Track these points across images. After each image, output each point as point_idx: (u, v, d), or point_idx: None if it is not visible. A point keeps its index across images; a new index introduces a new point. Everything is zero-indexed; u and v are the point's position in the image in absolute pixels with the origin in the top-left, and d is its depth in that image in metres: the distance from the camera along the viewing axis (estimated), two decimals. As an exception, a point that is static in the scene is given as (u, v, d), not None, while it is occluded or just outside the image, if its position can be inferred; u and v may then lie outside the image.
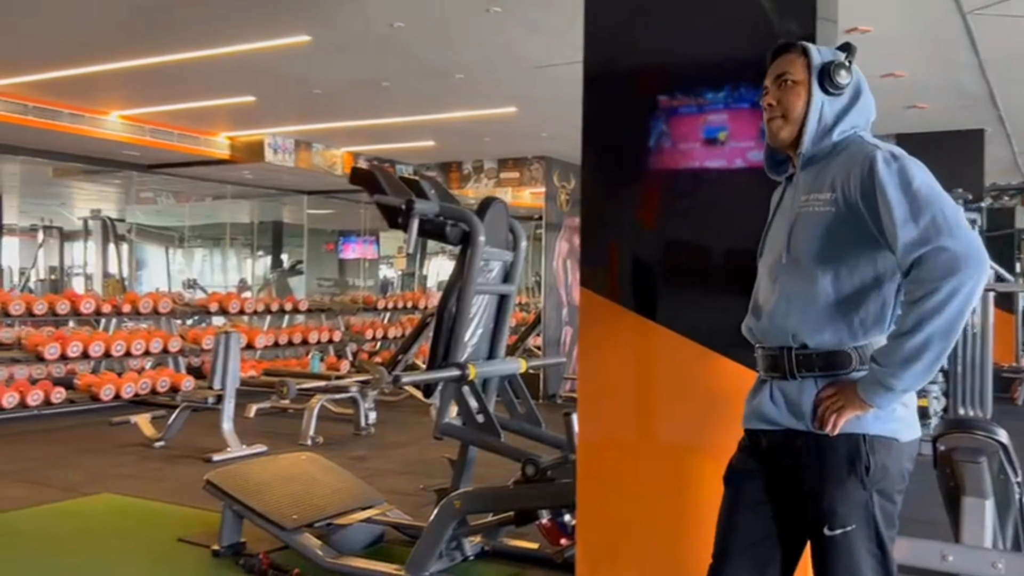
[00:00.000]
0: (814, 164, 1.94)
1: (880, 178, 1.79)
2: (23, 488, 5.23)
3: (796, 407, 1.87)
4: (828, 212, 1.86)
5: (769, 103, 1.97)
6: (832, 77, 1.92)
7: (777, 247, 1.96)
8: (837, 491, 1.82)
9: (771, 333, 1.92)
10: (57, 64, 6.32)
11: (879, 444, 1.84)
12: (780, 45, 2.01)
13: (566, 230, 9.98)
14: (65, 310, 8.06)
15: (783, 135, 1.96)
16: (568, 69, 5.82)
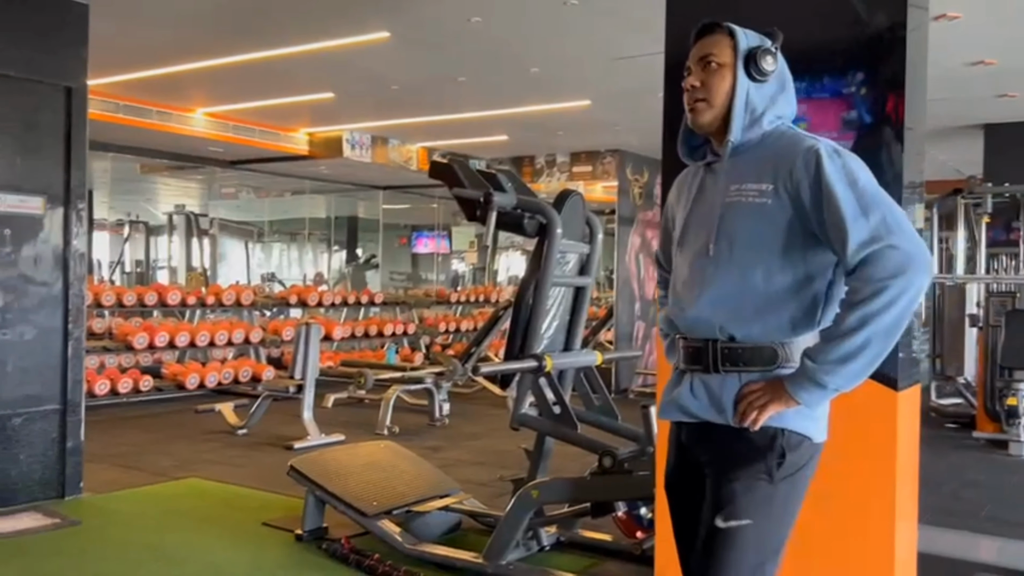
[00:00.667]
0: (742, 153, 1.86)
1: (826, 173, 1.72)
2: (117, 472, 5.46)
3: (717, 401, 1.81)
4: (763, 204, 1.78)
5: (692, 84, 1.87)
6: (758, 63, 1.85)
7: (702, 237, 1.86)
8: (741, 482, 1.76)
9: (697, 326, 1.84)
10: (147, 64, 6.56)
11: (795, 440, 1.78)
12: (705, 25, 1.92)
13: (639, 224, 9.93)
14: (153, 301, 8.35)
15: (705, 119, 1.87)
16: (645, 61, 5.80)
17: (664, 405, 1.94)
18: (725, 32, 1.88)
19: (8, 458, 4.54)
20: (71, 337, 4.77)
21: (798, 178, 1.75)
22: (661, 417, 1.97)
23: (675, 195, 2.04)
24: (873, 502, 2.44)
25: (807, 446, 1.80)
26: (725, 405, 1.79)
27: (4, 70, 4.52)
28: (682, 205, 1.98)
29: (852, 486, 2.47)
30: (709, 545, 1.77)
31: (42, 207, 4.69)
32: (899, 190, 2.50)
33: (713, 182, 1.90)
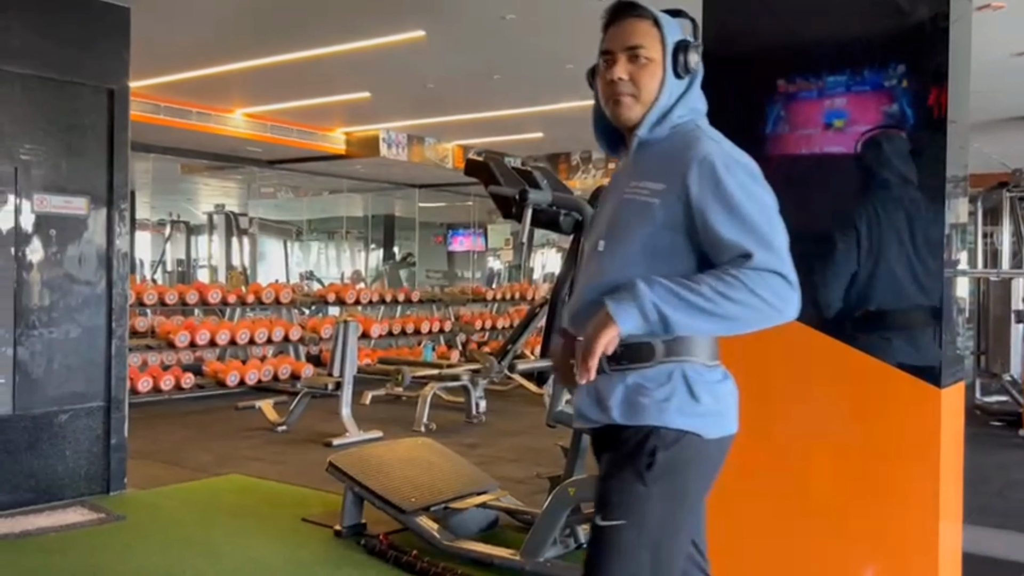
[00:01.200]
0: (648, 148, 1.80)
1: (721, 185, 1.67)
2: (159, 468, 5.55)
3: (602, 401, 1.76)
4: (653, 203, 1.72)
5: (620, 77, 1.76)
6: (687, 60, 1.77)
7: (598, 232, 1.82)
8: (615, 481, 1.73)
9: (584, 327, 1.72)
10: (187, 65, 6.66)
11: (671, 438, 1.71)
12: (624, 5, 1.80)
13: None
14: (194, 300, 8.47)
15: (631, 115, 1.78)
16: (681, 56, 5.75)
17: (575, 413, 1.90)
18: (651, 21, 1.79)
19: (55, 454, 4.64)
20: (115, 335, 4.86)
21: (689, 184, 1.69)
22: (573, 425, 1.93)
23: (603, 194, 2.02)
24: (917, 502, 2.41)
25: (690, 443, 1.72)
26: (608, 404, 1.74)
27: (47, 73, 4.61)
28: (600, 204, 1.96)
29: (895, 486, 2.43)
30: (591, 542, 1.77)
31: (86, 208, 4.78)
32: (942, 184, 2.46)
33: (620, 177, 1.86)
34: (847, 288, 2.57)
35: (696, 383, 1.74)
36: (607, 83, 1.78)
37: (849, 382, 2.52)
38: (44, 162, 4.62)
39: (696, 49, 1.80)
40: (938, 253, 2.46)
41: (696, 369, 1.75)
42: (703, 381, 1.75)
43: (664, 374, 1.73)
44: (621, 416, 1.74)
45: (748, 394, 2.74)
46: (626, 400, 1.73)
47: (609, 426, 1.76)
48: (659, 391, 1.72)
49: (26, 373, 4.55)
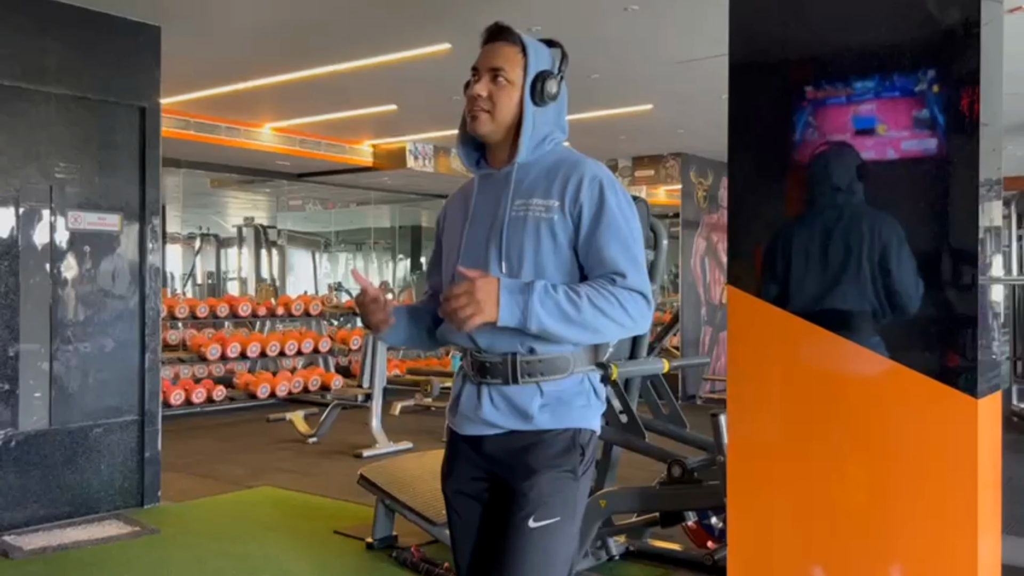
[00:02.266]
0: (525, 170, 1.91)
1: (609, 203, 1.83)
2: (192, 481, 5.60)
3: (521, 410, 1.86)
4: (550, 219, 1.84)
5: (479, 94, 1.88)
6: (544, 88, 1.89)
7: (489, 252, 1.88)
8: (549, 483, 1.83)
9: (498, 341, 1.84)
10: (216, 82, 6.73)
11: (587, 436, 1.90)
12: (498, 28, 1.93)
13: (704, 227, 9.81)
14: (224, 313, 8.56)
15: (486, 129, 1.90)
16: (708, 63, 5.73)
17: (463, 421, 1.94)
18: (519, 48, 1.90)
19: (90, 468, 4.70)
20: (147, 349, 4.92)
21: (582, 201, 1.84)
22: (463, 432, 1.94)
23: (455, 209, 2.03)
24: (954, 515, 2.37)
25: (594, 439, 1.93)
26: (531, 412, 1.85)
27: (82, 93, 4.70)
28: (460, 219, 1.98)
29: (932, 499, 2.40)
30: (521, 546, 1.82)
31: (119, 224, 4.85)
32: (975, 188, 2.43)
33: (494, 195, 1.93)
34: (879, 298, 2.54)
35: (597, 388, 1.94)
36: (468, 97, 1.91)
37: (884, 394, 2.49)
38: (78, 180, 4.70)
39: (555, 79, 1.91)
40: (972, 259, 2.43)
41: (595, 375, 1.95)
42: (599, 386, 1.96)
43: (577, 382, 1.90)
44: (547, 422, 1.86)
45: (784, 411, 2.72)
46: (549, 407, 1.86)
47: (517, 431, 1.87)
48: (578, 398, 1.89)
49: (62, 387, 4.62)
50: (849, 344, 2.55)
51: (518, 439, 1.87)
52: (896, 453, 2.45)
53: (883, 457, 2.48)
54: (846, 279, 2.60)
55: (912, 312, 2.49)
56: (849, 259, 2.62)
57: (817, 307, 2.63)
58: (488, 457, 1.92)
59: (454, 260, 1.94)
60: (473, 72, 1.92)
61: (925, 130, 2.53)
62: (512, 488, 1.86)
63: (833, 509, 2.57)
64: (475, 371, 1.91)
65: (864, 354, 2.53)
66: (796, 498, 2.64)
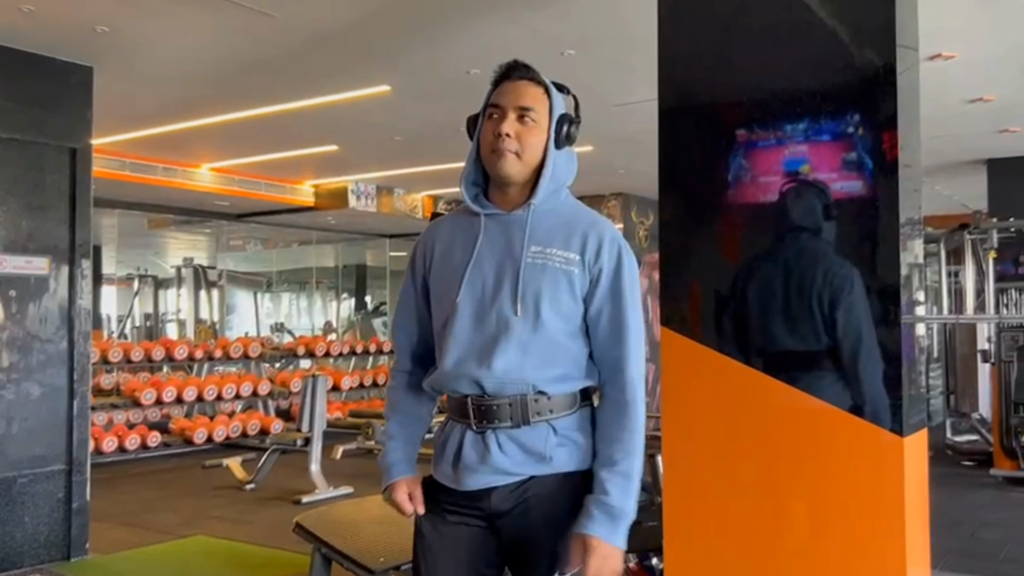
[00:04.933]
0: (540, 215, 1.85)
1: (624, 273, 1.84)
2: (124, 531, 5.41)
3: (536, 452, 1.78)
4: (570, 272, 1.81)
5: (507, 132, 1.80)
6: (569, 133, 1.87)
7: (499, 292, 1.81)
8: (566, 532, 1.76)
9: (506, 383, 1.78)
10: (152, 122, 6.65)
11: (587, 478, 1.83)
12: (521, 66, 1.89)
13: (645, 266, 9.90)
14: (160, 356, 8.35)
15: (513, 170, 1.82)
16: (645, 107, 5.83)
17: (467, 474, 1.81)
18: (543, 89, 1.88)
19: (13, 520, 4.51)
20: (76, 395, 4.77)
21: (602, 263, 1.82)
22: (467, 487, 1.81)
23: (447, 246, 1.91)
24: (885, 550, 2.39)
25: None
26: (547, 453, 1.78)
27: (10, 134, 4.59)
28: (459, 257, 1.87)
29: (863, 536, 2.42)
30: None
31: (47, 267, 4.72)
32: (896, 228, 2.50)
33: (505, 237, 1.85)
34: (805, 337, 2.58)
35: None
36: (494, 136, 1.82)
37: (813, 434, 2.52)
38: (4, 222, 4.58)
39: (577, 124, 1.90)
40: (896, 297, 2.48)
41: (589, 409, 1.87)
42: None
43: (584, 418, 1.84)
44: (565, 464, 1.80)
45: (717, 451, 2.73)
46: (564, 448, 1.80)
47: (534, 479, 1.79)
48: (586, 433, 1.83)
49: (-16, 437, 4.45)
50: (779, 384, 2.58)
51: (535, 486, 1.79)
52: (827, 492, 2.48)
53: (815, 496, 2.50)
54: (775, 320, 2.64)
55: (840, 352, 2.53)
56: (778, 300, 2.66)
57: (747, 348, 2.66)
58: (496, 512, 1.81)
59: (452, 298, 1.83)
60: (493, 108, 1.85)
61: (851, 172, 2.60)
62: (534, 544, 1.79)
63: (768, 549, 2.58)
64: (476, 418, 1.81)
65: (793, 394, 2.56)
66: (731, 538, 2.65)
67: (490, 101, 1.87)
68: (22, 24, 4.35)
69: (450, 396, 1.88)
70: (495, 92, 1.87)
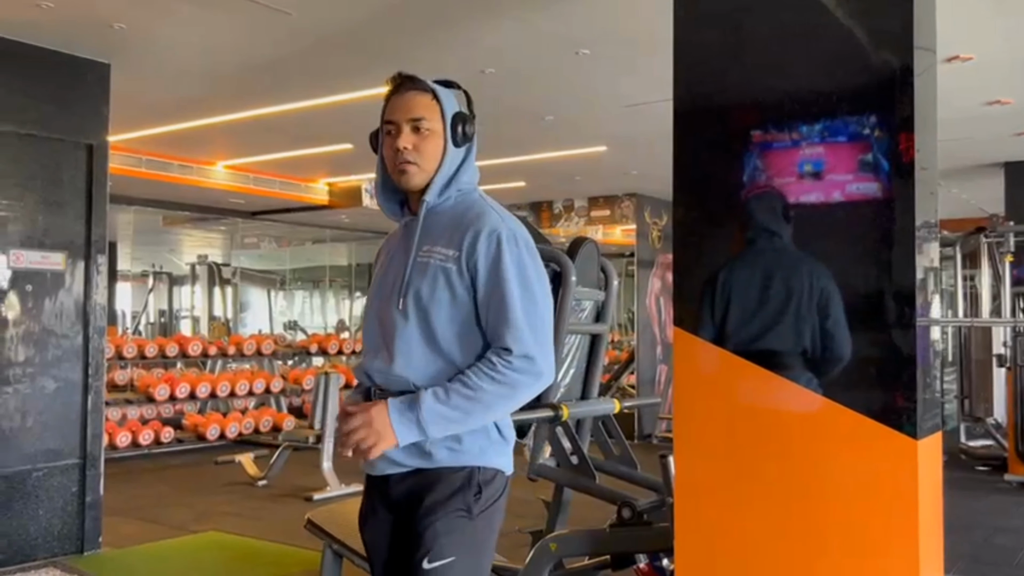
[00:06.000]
0: (435, 214, 1.93)
1: (504, 261, 1.83)
2: (137, 526, 5.44)
3: (420, 448, 1.85)
4: (449, 268, 1.85)
5: (404, 147, 1.89)
6: (465, 130, 1.92)
7: (392, 293, 1.91)
8: (442, 521, 1.83)
9: (395, 378, 1.87)
10: (169, 119, 6.68)
11: (489, 475, 1.89)
12: (405, 78, 1.95)
13: (659, 267, 9.90)
14: (174, 352, 8.40)
15: (416, 182, 1.91)
16: (659, 107, 5.82)
17: (368, 463, 1.92)
18: (431, 95, 1.92)
19: (28, 513, 4.55)
20: (91, 390, 4.80)
21: (477, 256, 1.84)
22: (372, 472, 1.95)
23: (382, 254, 2.07)
24: (897, 556, 2.38)
25: (500, 479, 1.91)
26: (429, 450, 1.85)
27: (28, 130, 4.63)
28: (381, 263, 2.03)
29: (874, 539, 2.41)
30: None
31: (63, 262, 4.75)
32: (912, 231, 2.48)
33: (407, 240, 1.95)
34: (820, 339, 2.57)
35: (502, 426, 1.92)
36: (393, 152, 1.90)
37: (826, 435, 2.51)
38: (22, 217, 4.61)
39: (471, 121, 1.95)
40: (911, 300, 2.47)
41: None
42: (506, 424, 1.94)
43: None
44: (446, 459, 1.86)
45: (729, 451, 2.73)
46: (445, 445, 1.85)
47: (421, 471, 1.87)
48: (477, 434, 1.87)
49: (0, 430, 4.48)
50: (791, 385, 2.57)
51: (421, 479, 1.88)
52: (838, 494, 2.47)
53: (825, 497, 2.49)
54: (787, 320, 2.63)
55: (852, 353, 2.52)
56: (790, 300, 2.65)
57: (758, 347, 2.65)
58: (394, 498, 1.92)
59: (370, 302, 2.00)
60: (387, 124, 1.92)
61: (867, 174, 2.59)
62: (411, 529, 1.86)
63: (777, 549, 2.57)
64: None
65: (806, 395, 2.55)
66: (741, 538, 2.64)
67: (384, 117, 1.93)
68: (40, 20, 4.38)
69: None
70: (387, 108, 1.93)
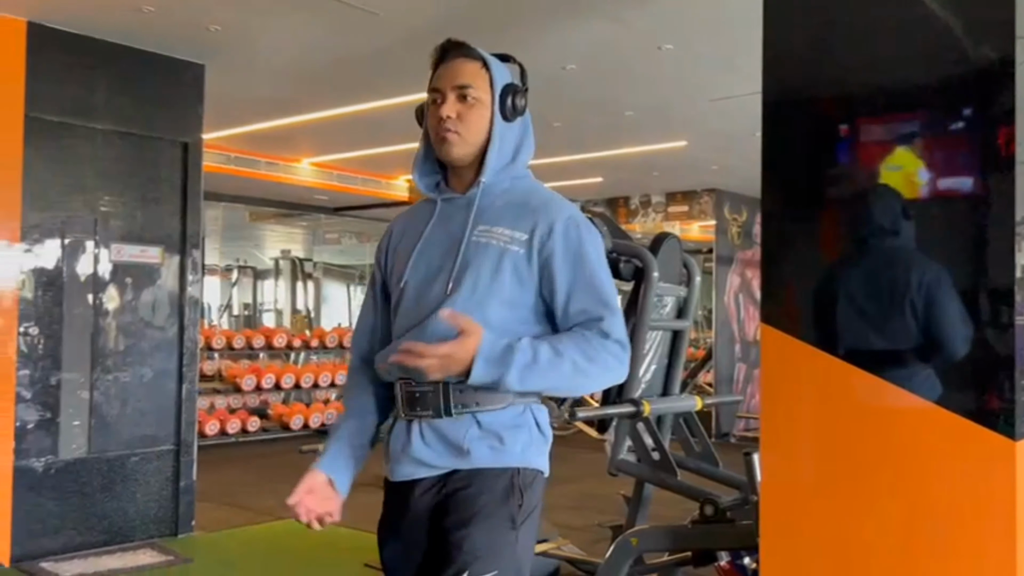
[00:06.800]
0: (492, 195, 1.78)
1: (587, 248, 1.73)
2: (226, 511, 5.64)
3: (455, 445, 1.68)
4: (516, 251, 1.71)
5: (448, 115, 1.74)
6: (515, 103, 1.78)
7: (438, 274, 1.74)
8: (484, 534, 1.65)
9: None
10: (258, 118, 6.88)
11: (529, 477, 1.72)
12: (454, 44, 1.80)
13: (738, 264, 9.77)
14: (260, 344, 8.65)
15: (457, 153, 1.76)
16: (742, 101, 5.75)
17: (394, 464, 1.76)
18: (480, 63, 1.79)
19: (126, 496, 4.76)
20: (185, 379, 4.99)
21: (554, 243, 1.72)
22: (395, 477, 1.76)
23: (399, 234, 1.88)
24: (992, 559, 2.32)
25: (539, 481, 1.75)
26: (466, 448, 1.68)
27: (127, 128, 4.83)
28: (405, 244, 1.84)
29: (969, 542, 2.35)
30: None
31: (160, 256, 4.95)
32: (1012, 227, 2.42)
33: (452, 219, 1.79)
34: (918, 339, 2.52)
35: (541, 422, 1.77)
36: (436, 120, 1.77)
37: (920, 436, 2.46)
38: (122, 213, 4.82)
39: (523, 94, 1.81)
40: (1010, 298, 2.40)
41: (539, 407, 1.77)
42: (544, 420, 1.78)
43: (518, 413, 1.72)
44: (484, 459, 1.69)
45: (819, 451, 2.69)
46: (485, 442, 1.69)
47: (455, 473, 1.70)
48: (518, 431, 1.71)
49: (101, 416, 4.69)
50: (886, 385, 2.53)
51: (455, 482, 1.70)
52: (932, 496, 2.42)
53: (919, 500, 2.44)
54: (885, 320, 2.58)
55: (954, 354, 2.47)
56: (890, 300, 2.60)
57: (854, 347, 2.61)
58: (422, 506, 1.73)
59: (399, 284, 1.80)
60: (433, 93, 1.79)
61: (961, 169, 2.52)
62: (443, 542, 1.68)
63: (867, 552, 2.53)
64: (405, 404, 1.74)
65: (900, 395, 2.50)
66: (829, 540, 2.61)
67: (430, 86, 1.81)
68: (142, 24, 4.56)
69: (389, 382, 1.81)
70: (434, 76, 1.81)
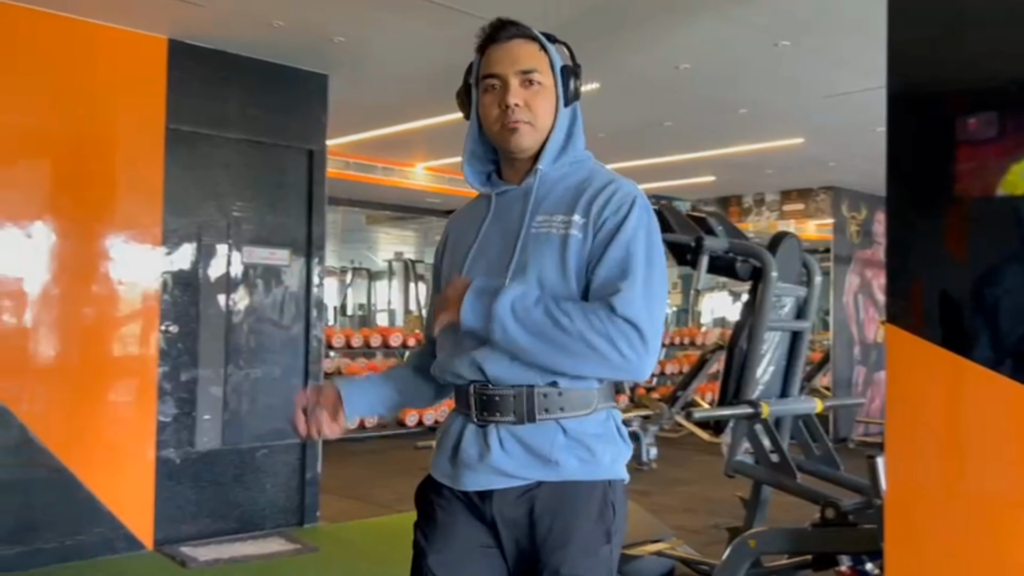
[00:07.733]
0: (549, 182, 1.65)
1: (632, 221, 1.55)
2: (348, 503, 5.86)
3: (542, 454, 1.54)
4: (573, 236, 1.57)
5: (517, 103, 1.60)
6: (576, 85, 1.66)
7: (496, 269, 1.60)
8: (584, 556, 1.53)
9: (511, 371, 1.55)
10: (375, 125, 7.12)
11: (621, 488, 1.61)
12: (508, 24, 1.64)
13: (857, 263, 9.47)
14: (377, 343, 8.92)
15: (528, 143, 1.63)
16: (860, 96, 5.61)
17: (464, 472, 1.59)
18: (538, 44, 1.65)
19: (257, 486, 5.01)
20: (310, 376, 5.22)
21: (607, 215, 1.57)
22: (465, 487, 1.59)
23: (461, 232, 1.74)
24: None
25: (622, 491, 1.64)
26: (553, 456, 1.54)
27: (258, 137, 5.09)
28: (462, 245, 1.70)
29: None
30: None
31: (287, 258, 5.19)
32: None
33: (509, 212, 1.66)
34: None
35: (621, 428, 1.66)
36: (499, 109, 1.63)
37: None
38: (252, 217, 5.08)
39: (579, 75, 1.69)
40: None
41: (617, 413, 1.67)
42: (622, 425, 1.67)
43: (602, 420, 1.62)
44: (574, 472, 1.56)
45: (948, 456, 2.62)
46: (574, 452, 1.56)
47: (540, 485, 1.56)
48: (606, 441, 1.61)
49: (233, 410, 4.96)
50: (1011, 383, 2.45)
51: (543, 496, 1.56)
52: (1072, 503, 2.33)
53: (1058, 506, 2.36)
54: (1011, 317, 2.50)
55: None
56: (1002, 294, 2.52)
57: (990, 350, 2.53)
58: (498, 518, 1.58)
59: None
60: (490, 79, 1.64)
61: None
62: (537, 559, 1.55)
63: (996, 561, 2.45)
64: (479, 409, 1.59)
65: (1034, 397, 2.41)
66: (957, 547, 2.54)
67: (483, 71, 1.66)
68: (272, 38, 4.80)
69: (453, 384, 1.68)
70: (485, 59, 1.66)
